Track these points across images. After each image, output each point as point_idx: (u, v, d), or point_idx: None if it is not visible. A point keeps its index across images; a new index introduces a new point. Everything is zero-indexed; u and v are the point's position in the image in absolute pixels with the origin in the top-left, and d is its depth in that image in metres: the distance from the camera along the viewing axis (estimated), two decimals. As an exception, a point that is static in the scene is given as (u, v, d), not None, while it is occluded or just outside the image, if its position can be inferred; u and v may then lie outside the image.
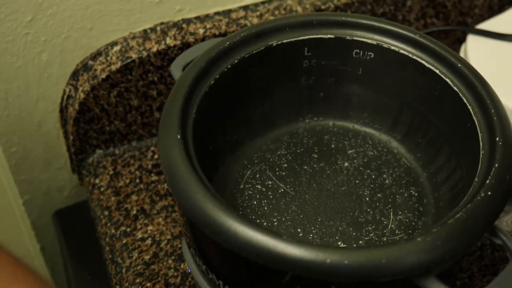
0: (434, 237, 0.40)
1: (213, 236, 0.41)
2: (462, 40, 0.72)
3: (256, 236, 0.40)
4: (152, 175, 0.65)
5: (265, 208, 0.51)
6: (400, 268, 0.40)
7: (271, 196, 0.51)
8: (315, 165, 0.53)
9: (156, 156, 0.67)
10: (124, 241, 0.61)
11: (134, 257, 0.59)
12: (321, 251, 0.39)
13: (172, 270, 0.59)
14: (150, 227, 0.61)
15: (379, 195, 0.52)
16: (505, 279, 0.42)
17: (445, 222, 0.41)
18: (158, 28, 0.63)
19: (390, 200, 0.51)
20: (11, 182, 0.69)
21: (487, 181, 0.42)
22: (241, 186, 0.52)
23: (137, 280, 0.58)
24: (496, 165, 0.43)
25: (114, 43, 0.63)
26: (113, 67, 0.62)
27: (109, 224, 0.62)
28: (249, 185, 0.52)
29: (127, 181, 0.65)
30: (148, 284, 0.58)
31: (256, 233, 0.40)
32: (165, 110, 0.46)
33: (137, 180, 0.65)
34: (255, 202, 0.51)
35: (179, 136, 0.44)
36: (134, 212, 0.63)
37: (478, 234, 0.42)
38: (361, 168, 0.53)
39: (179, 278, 0.58)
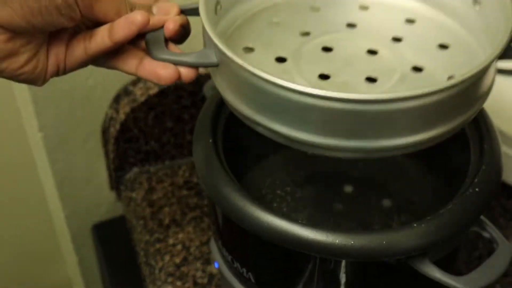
0: (429, 224, 0.47)
1: (239, 222, 0.48)
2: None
3: (275, 221, 0.47)
4: (183, 190, 0.73)
5: (284, 209, 0.58)
6: (398, 249, 0.46)
7: (289, 200, 0.58)
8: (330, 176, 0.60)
9: (187, 174, 0.74)
10: (157, 246, 0.67)
11: (166, 260, 0.66)
12: (331, 233, 0.46)
13: (200, 272, 0.65)
14: (180, 235, 0.68)
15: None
16: (489, 265, 0.48)
17: (438, 212, 0.47)
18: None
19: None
20: (55, 196, 0.77)
21: (476, 180, 0.49)
22: (263, 191, 0.59)
23: (169, 280, 0.65)
24: (484, 167, 0.50)
25: (152, 71, 0.71)
26: (151, 92, 0.70)
27: (144, 232, 0.69)
28: (270, 190, 0.59)
29: (161, 195, 0.72)
30: (178, 283, 0.64)
31: (275, 218, 0.47)
32: (199, 119, 0.54)
33: (170, 194, 0.72)
34: (275, 205, 0.58)
35: (211, 140, 0.52)
36: (167, 221, 0.70)
37: (467, 224, 0.48)
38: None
39: (206, 279, 0.65)
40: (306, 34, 0.53)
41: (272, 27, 0.54)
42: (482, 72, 0.44)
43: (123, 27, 0.46)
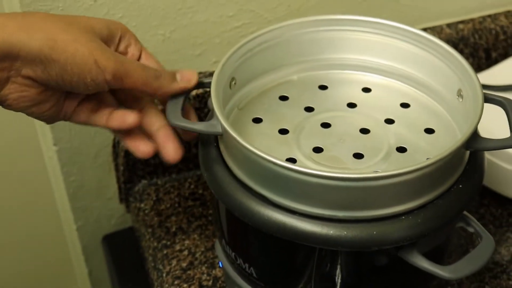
0: (415, 217, 0.51)
1: (241, 216, 0.52)
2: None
3: (274, 214, 0.51)
4: (189, 201, 0.77)
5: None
6: (388, 239, 0.50)
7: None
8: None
9: (192, 186, 0.79)
10: (165, 252, 0.71)
11: (173, 264, 0.70)
12: (326, 225, 0.50)
13: (205, 275, 0.69)
14: (187, 241, 0.72)
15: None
16: (473, 256, 0.52)
17: (424, 205, 0.51)
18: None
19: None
20: (67, 208, 0.81)
21: (459, 178, 0.53)
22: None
23: (176, 282, 0.68)
24: (467, 167, 0.54)
25: (160, 88, 0.75)
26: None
27: (152, 239, 0.73)
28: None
29: (168, 205, 0.76)
30: (185, 285, 0.68)
31: (275, 212, 0.51)
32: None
33: (176, 205, 0.76)
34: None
35: (215, 144, 0.56)
36: (174, 229, 0.74)
37: (451, 217, 0.52)
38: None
39: (211, 281, 0.69)
40: (311, 109, 0.61)
41: (281, 101, 0.61)
42: (449, 157, 0.50)
43: (118, 120, 0.57)
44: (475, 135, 0.53)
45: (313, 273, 0.55)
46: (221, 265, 0.63)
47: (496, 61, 0.84)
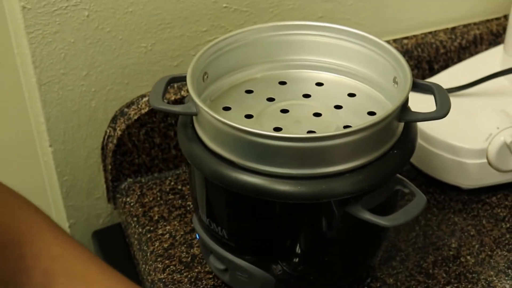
0: (357, 175, 0.61)
1: (213, 179, 0.63)
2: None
3: (240, 175, 0.61)
4: (169, 195, 0.87)
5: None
6: (335, 193, 0.61)
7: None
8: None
9: (172, 183, 0.89)
10: (148, 235, 0.81)
11: (156, 245, 0.80)
12: (283, 182, 0.60)
13: (184, 253, 0.79)
14: (168, 227, 0.82)
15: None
16: (408, 208, 0.63)
17: (365, 166, 0.62)
18: (175, 85, 0.87)
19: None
20: (61, 207, 0.91)
21: (394, 144, 0.64)
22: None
23: (158, 259, 0.78)
24: (401, 137, 0.65)
25: (143, 95, 0.86)
26: (143, 111, 0.85)
27: (137, 226, 0.83)
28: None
29: (151, 198, 0.86)
30: (167, 262, 0.78)
31: (240, 173, 0.61)
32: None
33: (158, 198, 0.86)
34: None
35: (191, 125, 0.67)
36: (156, 218, 0.83)
37: (388, 175, 0.63)
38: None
39: (190, 258, 0.78)
40: (272, 100, 0.71)
41: (247, 94, 0.72)
42: (381, 123, 0.61)
43: None
44: (405, 109, 0.64)
45: (274, 227, 0.65)
46: (198, 237, 0.73)
47: (437, 72, 0.95)
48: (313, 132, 0.66)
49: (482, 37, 0.98)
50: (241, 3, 0.85)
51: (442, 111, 0.64)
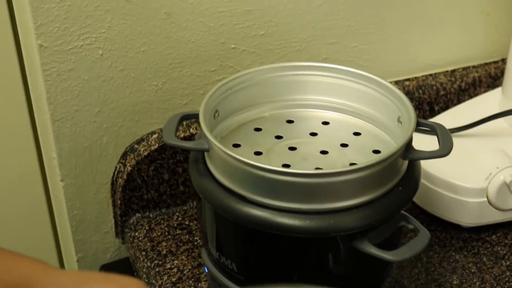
0: (364, 210, 0.64)
1: (224, 213, 0.65)
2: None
3: (251, 210, 0.63)
4: (177, 230, 0.89)
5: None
6: (342, 227, 0.63)
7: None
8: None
9: (180, 219, 0.91)
10: (157, 270, 0.83)
11: (164, 279, 0.82)
12: (292, 216, 0.63)
13: (192, 287, 0.80)
14: (176, 261, 0.84)
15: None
16: (412, 244, 0.65)
17: (371, 201, 0.64)
18: (184, 123, 0.89)
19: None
20: (70, 240, 0.92)
21: (399, 182, 0.67)
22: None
23: (167, 293, 0.80)
24: (405, 174, 0.68)
25: (153, 132, 0.88)
26: (152, 148, 0.87)
27: (145, 260, 0.85)
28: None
29: (159, 233, 0.88)
30: (175, 295, 0.79)
31: (250, 208, 0.63)
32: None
33: (166, 233, 0.88)
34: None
35: (203, 161, 0.69)
36: (164, 252, 0.85)
37: (393, 212, 0.65)
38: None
39: (197, 292, 0.80)
40: (280, 137, 0.74)
41: (256, 132, 0.75)
42: (386, 161, 0.64)
43: None
44: (409, 147, 0.67)
45: (283, 260, 0.67)
46: (206, 270, 0.75)
47: (438, 113, 0.98)
48: (320, 169, 0.69)
49: (481, 79, 1.01)
50: (249, 44, 0.88)
51: (445, 149, 0.67)
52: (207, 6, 0.83)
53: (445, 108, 0.99)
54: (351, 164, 0.70)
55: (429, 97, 0.98)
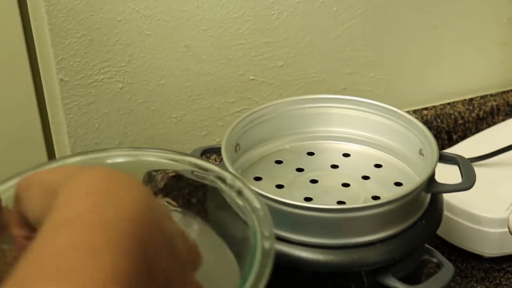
0: (388, 244, 0.63)
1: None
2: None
3: (282, 248, 0.63)
4: (196, 261, 0.89)
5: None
6: (366, 262, 0.63)
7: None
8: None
9: (199, 250, 0.90)
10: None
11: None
12: (316, 251, 0.62)
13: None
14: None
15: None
16: (436, 278, 0.64)
17: (395, 236, 0.64)
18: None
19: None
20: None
21: (422, 215, 0.66)
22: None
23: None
24: (429, 207, 0.67)
25: (172, 164, 0.89)
26: (169, 174, 0.87)
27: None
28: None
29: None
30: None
31: (283, 245, 0.63)
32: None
33: (186, 265, 0.88)
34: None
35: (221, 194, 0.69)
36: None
37: (416, 246, 0.65)
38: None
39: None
40: (301, 170, 0.74)
41: (277, 164, 0.75)
42: (410, 195, 0.63)
43: None
44: (432, 181, 0.66)
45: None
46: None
47: (456, 142, 0.98)
48: (343, 202, 0.68)
49: (499, 108, 1.01)
50: (268, 75, 0.88)
51: (468, 182, 0.66)
52: (226, 39, 0.84)
53: (464, 137, 0.99)
54: (374, 197, 0.69)
55: (447, 126, 0.98)
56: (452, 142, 0.99)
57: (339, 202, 0.69)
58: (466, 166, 0.68)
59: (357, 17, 0.89)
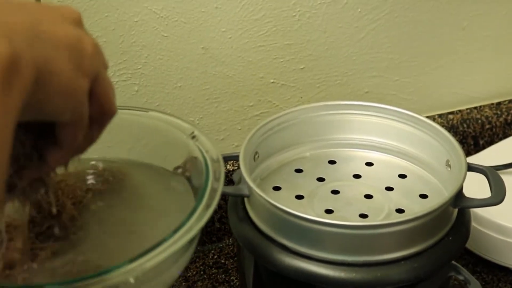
0: (413, 262, 0.61)
1: (265, 263, 0.62)
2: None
3: (294, 261, 0.61)
4: (213, 269, 0.86)
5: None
6: (390, 280, 0.60)
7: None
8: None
9: (216, 257, 0.88)
10: (193, 311, 0.80)
11: (200, 322, 0.79)
12: (337, 268, 0.60)
13: (229, 331, 0.78)
14: (212, 303, 0.81)
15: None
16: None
17: (420, 253, 0.61)
18: (221, 158, 0.87)
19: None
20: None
21: (449, 231, 0.63)
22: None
23: (203, 337, 0.77)
24: (455, 222, 0.64)
25: (189, 168, 0.86)
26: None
27: (181, 301, 0.82)
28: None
29: (194, 272, 0.86)
30: None
31: (294, 259, 0.61)
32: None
33: (202, 272, 0.86)
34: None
35: (242, 206, 0.66)
36: (200, 293, 0.83)
37: (443, 263, 0.62)
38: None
39: (234, 336, 0.77)
40: (322, 180, 0.71)
41: (297, 173, 0.72)
42: (437, 211, 0.60)
43: None
44: (460, 195, 0.63)
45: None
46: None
47: (483, 148, 0.95)
48: (365, 215, 0.66)
49: (528, 112, 0.98)
50: (288, 78, 0.85)
51: (498, 197, 0.63)
52: (245, 41, 0.81)
53: (490, 142, 0.95)
54: (398, 209, 0.66)
55: (474, 131, 0.95)
56: (478, 148, 0.95)
57: (362, 215, 0.66)
58: (496, 180, 0.65)
59: (382, 18, 0.86)
